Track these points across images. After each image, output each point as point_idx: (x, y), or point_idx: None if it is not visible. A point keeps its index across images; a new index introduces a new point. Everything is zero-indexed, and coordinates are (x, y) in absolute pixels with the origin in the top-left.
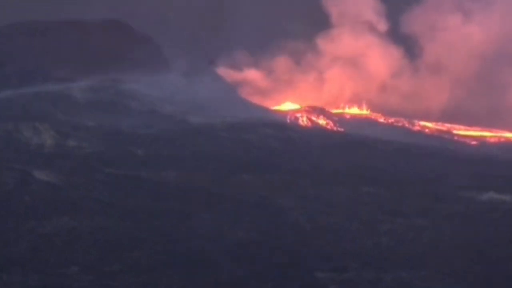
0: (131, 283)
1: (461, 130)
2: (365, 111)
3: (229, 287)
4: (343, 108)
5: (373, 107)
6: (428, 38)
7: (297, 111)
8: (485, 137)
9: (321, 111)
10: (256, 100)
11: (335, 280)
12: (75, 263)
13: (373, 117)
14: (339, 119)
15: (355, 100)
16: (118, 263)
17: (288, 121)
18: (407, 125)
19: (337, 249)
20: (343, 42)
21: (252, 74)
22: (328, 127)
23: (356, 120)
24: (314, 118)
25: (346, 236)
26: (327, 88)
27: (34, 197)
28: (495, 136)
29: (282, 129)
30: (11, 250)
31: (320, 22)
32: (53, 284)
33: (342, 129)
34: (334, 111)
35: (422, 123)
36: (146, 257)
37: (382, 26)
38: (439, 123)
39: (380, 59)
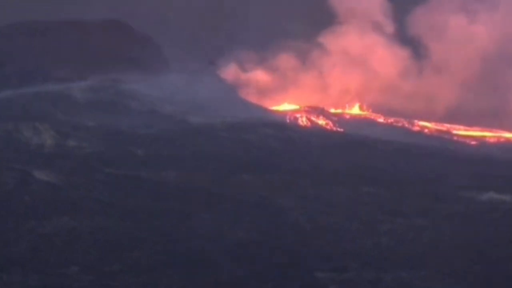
0: (131, 283)
1: (461, 130)
2: (365, 111)
3: (229, 287)
4: (346, 107)
5: (377, 108)
6: (433, 39)
7: (296, 111)
8: (485, 137)
9: (320, 111)
10: (256, 100)
11: (335, 280)
12: (75, 263)
13: (373, 117)
14: (339, 119)
15: (359, 100)
16: (118, 263)
17: (288, 121)
18: (407, 125)
19: (337, 249)
20: (347, 41)
21: (253, 74)
22: (328, 127)
23: (356, 120)
24: (313, 118)
25: (346, 236)
26: (330, 88)
27: (34, 197)
28: (495, 136)
29: (282, 129)
30: (11, 250)
31: (320, 22)
32: (53, 284)
33: (342, 129)
34: (334, 111)
35: (422, 123)
36: (146, 257)
37: (388, 26)
38: (439, 123)
39: (385, 59)
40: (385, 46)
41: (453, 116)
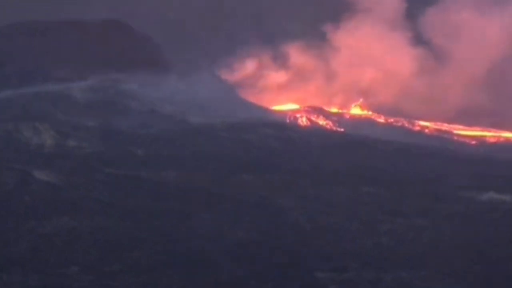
0: (131, 283)
1: (461, 130)
2: (365, 111)
3: (229, 287)
4: (350, 107)
5: (385, 108)
6: (444, 38)
7: (296, 111)
8: (485, 137)
9: (320, 111)
10: (256, 100)
11: (335, 280)
12: (75, 263)
13: (373, 117)
14: (339, 119)
15: (366, 99)
16: (118, 263)
17: (288, 121)
18: (407, 125)
19: (337, 249)
20: (356, 40)
21: (254, 74)
22: (328, 127)
23: (356, 120)
24: (313, 118)
25: (346, 236)
26: (337, 87)
27: (34, 197)
28: (495, 136)
29: (282, 129)
30: (11, 250)
31: (326, 20)
32: (53, 284)
33: (342, 129)
34: (334, 110)
35: (422, 123)
36: (146, 257)
37: (400, 24)
38: (439, 123)
39: (396, 58)
40: (396, 45)
41: (455, 116)
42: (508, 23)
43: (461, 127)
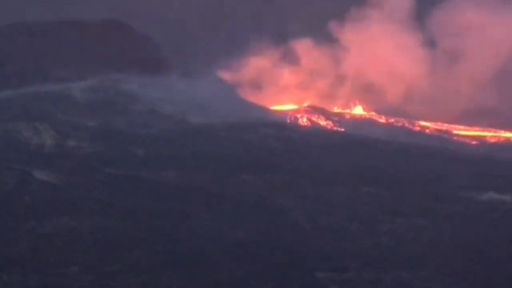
0: (131, 283)
1: (461, 130)
2: (367, 112)
3: (229, 287)
4: (351, 108)
5: (391, 109)
6: (453, 40)
7: (297, 111)
8: (485, 137)
9: (321, 111)
10: (256, 100)
11: (335, 280)
12: (75, 263)
13: (373, 117)
14: (339, 119)
15: (373, 100)
16: (118, 263)
17: (288, 121)
18: (407, 125)
19: (337, 249)
20: (361, 39)
21: (254, 74)
22: (328, 127)
23: (356, 120)
24: (313, 118)
25: (346, 236)
26: (341, 87)
27: (34, 197)
28: (495, 136)
29: (282, 129)
30: (11, 250)
31: (322, 21)
32: (53, 284)
33: (342, 129)
34: (334, 111)
35: (422, 123)
36: (146, 257)
37: (408, 25)
38: (439, 123)
39: (403, 59)
40: (404, 45)
41: (461, 117)
42: None
43: (461, 127)
